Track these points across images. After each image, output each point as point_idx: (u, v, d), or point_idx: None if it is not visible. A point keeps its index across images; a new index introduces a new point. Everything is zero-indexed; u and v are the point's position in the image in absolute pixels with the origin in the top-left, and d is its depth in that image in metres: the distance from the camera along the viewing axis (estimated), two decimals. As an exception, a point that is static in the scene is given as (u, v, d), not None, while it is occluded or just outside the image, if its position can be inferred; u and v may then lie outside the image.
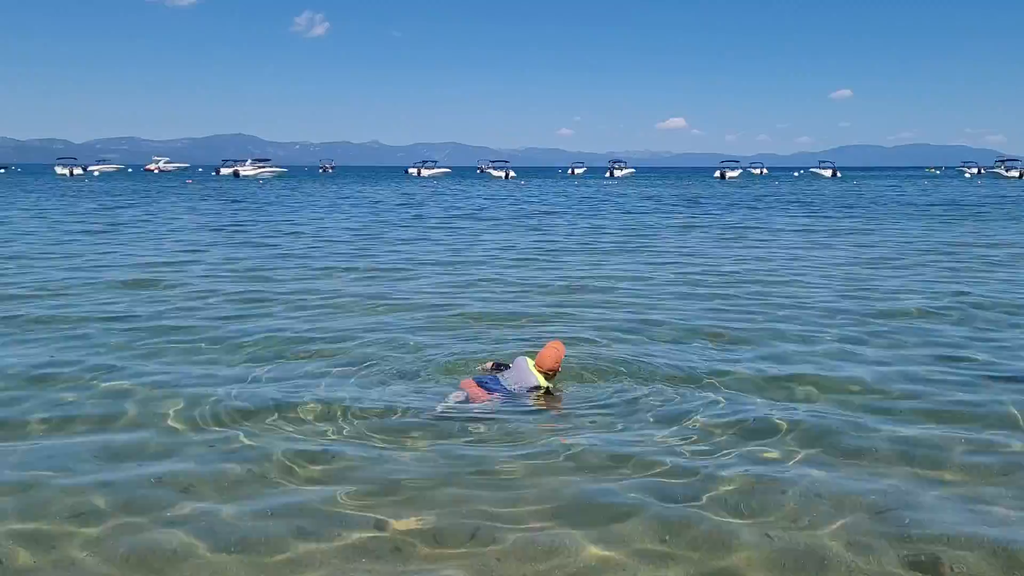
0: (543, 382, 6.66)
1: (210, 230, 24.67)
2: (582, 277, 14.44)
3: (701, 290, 12.83)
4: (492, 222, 29.21)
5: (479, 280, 14.17)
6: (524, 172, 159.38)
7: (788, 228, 25.93)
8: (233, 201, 42.50)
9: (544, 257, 17.83)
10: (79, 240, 21.18)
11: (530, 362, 6.76)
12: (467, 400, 6.51)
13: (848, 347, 8.78)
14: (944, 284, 13.31)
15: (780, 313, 10.81)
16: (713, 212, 34.83)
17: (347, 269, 15.65)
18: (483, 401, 6.49)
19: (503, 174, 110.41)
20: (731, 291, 12.70)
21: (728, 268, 15.64)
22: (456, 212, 35.14)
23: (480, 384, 6.67)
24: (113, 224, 26.61)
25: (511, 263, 16.68)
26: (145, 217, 30.42)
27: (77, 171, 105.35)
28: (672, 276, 14.55)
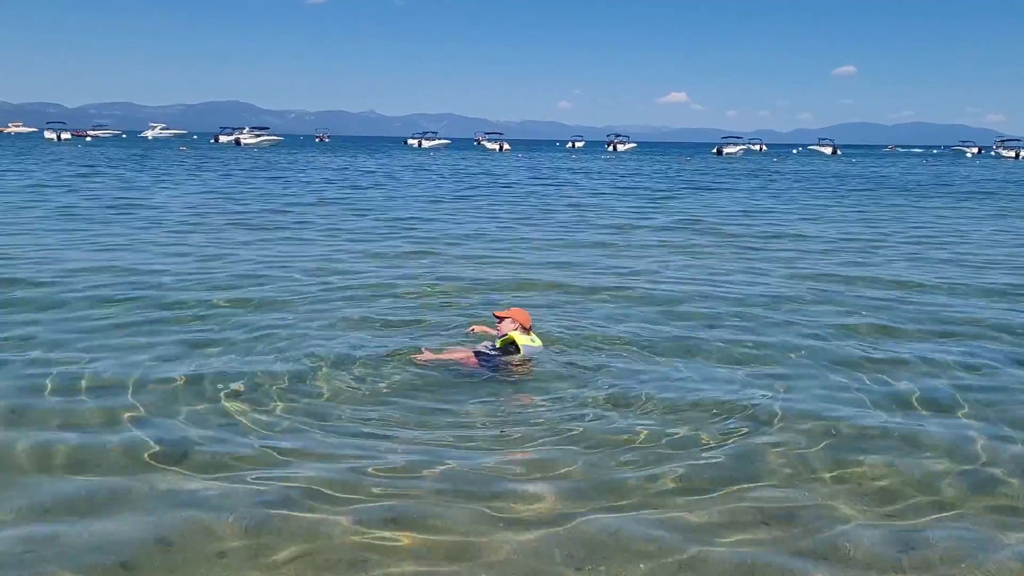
0: (520, 338, 6.87)
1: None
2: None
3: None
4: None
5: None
6: (522, 145, 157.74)
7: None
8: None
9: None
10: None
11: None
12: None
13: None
14: None
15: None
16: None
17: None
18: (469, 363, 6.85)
19: (497, 146, 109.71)
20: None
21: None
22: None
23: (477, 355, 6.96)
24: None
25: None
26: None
27: (65, 136, 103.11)
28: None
